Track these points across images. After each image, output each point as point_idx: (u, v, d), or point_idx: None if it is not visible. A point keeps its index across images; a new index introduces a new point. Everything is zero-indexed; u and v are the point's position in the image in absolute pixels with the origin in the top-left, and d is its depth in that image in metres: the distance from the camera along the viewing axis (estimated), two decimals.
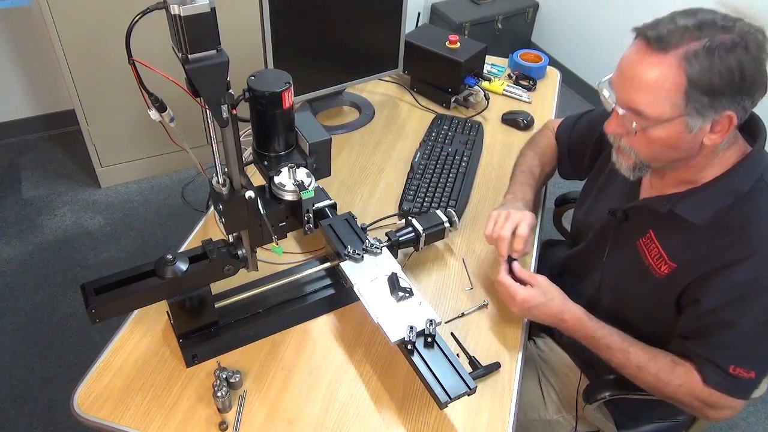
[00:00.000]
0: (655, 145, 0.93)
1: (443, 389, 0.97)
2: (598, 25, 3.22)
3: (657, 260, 1.04)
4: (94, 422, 0.98)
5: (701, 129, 0.89)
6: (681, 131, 0.89)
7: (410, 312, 1.05)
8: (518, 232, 1.16)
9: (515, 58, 1.93)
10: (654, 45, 0.86)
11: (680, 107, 0.86)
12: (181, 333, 1.05)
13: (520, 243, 1.16)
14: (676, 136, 0.90)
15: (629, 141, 0.96)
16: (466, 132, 1.64)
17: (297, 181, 0.96)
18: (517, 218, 1.18)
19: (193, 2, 0.70)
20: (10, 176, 2.69)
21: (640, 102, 0.89)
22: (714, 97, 0.85)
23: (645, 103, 0.88)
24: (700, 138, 0.90)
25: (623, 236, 1.12)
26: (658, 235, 1.04)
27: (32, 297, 2.18)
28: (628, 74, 0.90)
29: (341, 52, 1.61)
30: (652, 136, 0.91)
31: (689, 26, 0.85)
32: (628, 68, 0.90)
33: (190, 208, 2.57)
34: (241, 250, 1.01)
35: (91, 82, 2.30)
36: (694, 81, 0.84)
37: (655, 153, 0.95)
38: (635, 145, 0.96)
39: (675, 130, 0.89)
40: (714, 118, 0.87)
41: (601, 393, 1.14)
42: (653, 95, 0.87)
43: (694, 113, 0.87)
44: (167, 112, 0.84)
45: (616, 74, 0.93)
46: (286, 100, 0.94)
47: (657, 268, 1.04)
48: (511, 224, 1.17)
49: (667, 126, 0.89)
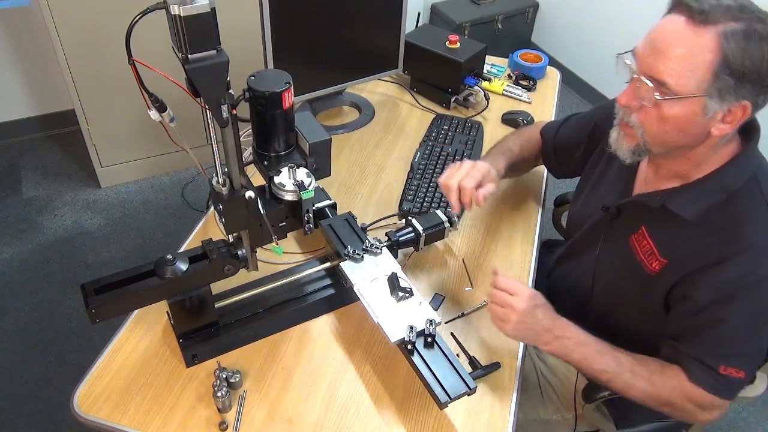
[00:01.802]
0: (667, 124, 0.91)
1: (443, 389, 0.97)
2: (598, 25, 3.22)
3: (648, 256, 1.04)
4: (94, 422, 0.98)
5: (715, 115, 0.88)
6: (696, 112, 0.88)
7: (410, 312, 1.05)
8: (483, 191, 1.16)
9: (515, 58, 1.93)
10: (696, 17, 0.84)
11: (705, 85, 0.85)
12: (181, 333, 1.05)
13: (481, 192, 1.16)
14: (690, 117, 0.89)
15: (640, 117, 0.94)
16: (466, 132, 1.64)
17: (297, 181, 0.96)
18: (482, 170, 1.17)
19: (193, 2, 0.70)
20: (10, 176, 2.69)
21: (666, 72, 0.87)
22: (740, 81, 0.84)
23: (672, 74, 0.86)
24: (710, 126, 0.90)
25: (616, 232, 1.12)
26: (650, 231, 1.04)
27: (32, 297, 2.18)
28: (660, 43, 0.87)
29: (341, 52, 1.61)
30: (667, 113, 0.90)
31: (732, 6, 0.84)
32: (662, 36, 0.88)
33: (190, 208, 2.57)
34: (241, 250, 1.01)
35: (91, 82, 2.30)
36: (727, 60, 0.83)
37: (663, 133, 0.93)
38: (646, 121, 0.94)
39: (691, 110, 0.88)
40: (731, 104, 0.87)
41: (600, 392, 1.14)
42: (683, 66, 0.85)
43: (716, 95, 0.86)
44: (167, 112, 0.84)
45: (645, 43, 0.90)
46: (286, 100, 0.94)
47: (648, 264, 1.04)
48: (476, 174, 1.16)
49: (685, 103, 0.88)
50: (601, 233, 1.16)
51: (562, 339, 1.02)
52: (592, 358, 1.02)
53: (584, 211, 1.24)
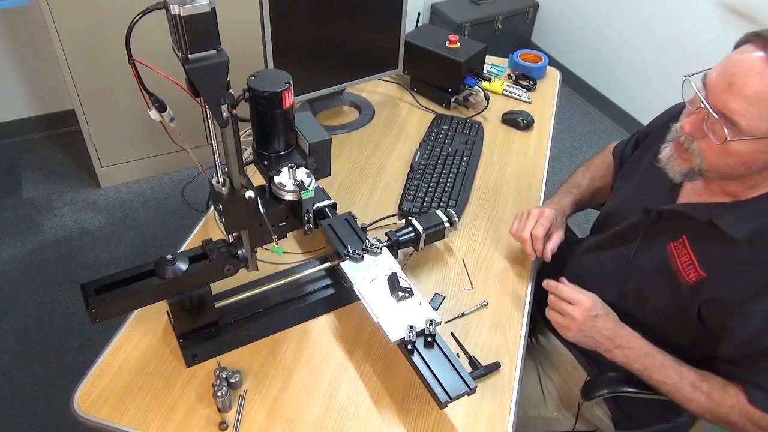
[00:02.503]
0: (730, 159, 0.89)
1: (443, 389, 0.97)
2: (598, 25, 3.22)
3: (687, 266, 1.02)
4: (94, 422, 0.98)
5: None
6: (764, 151, 0.87)
7: (410, 312, 1.05)
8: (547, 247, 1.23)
9: (515, 58, 1.93)
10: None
11: None
12: (181, 333, 1.05)
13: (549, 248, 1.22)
14: (755, 155, 0.88)
15: (702, 146, 0.92)
16: (466, 132, 1.64)
17: (297, 181, 0.96)
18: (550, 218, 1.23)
19: (193, 2, 0.70)
20: (10, 176, 2.69)
21: (740, 112, 0.84)
22: None
23: (745, 115, 0.84)
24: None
25: (654, 236, 1.10)
26: (691, 242, 1.02)
27: (32, 297, 2.18)
28: (736, 79, 0.84)
29: (341, 52, 1.61)
30: (732, 149, 0.88)
31: None
32: (740, 72, 0.84)
33: (190, 208, 2.57)
34: (241, 250, 1.01)
35: (91, 82, 2.30)
36: None
37: (724, 166, 0.91)
38: (707, 152, 0.91)
39: (758, 149, 0.87)
40: None
41: (599, 390, 1.14)
42: (758, 108, 0.83)
43: None
44: (167, 112, 0.84)
45: (719, 73, 0.87)
46: (286, 100, 0.94)
47: (686, 274, 1.02)
48: (545, 222, 1.22)
49: (753, 143, 0.86)
50: (639, 234, 1.14)
51: (623, 349, 1.05)
52: (653, 369, 1.03)
53: (623, 207, 1.22)
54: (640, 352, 1.04)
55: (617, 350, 1.05)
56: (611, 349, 1.05)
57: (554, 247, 1.24)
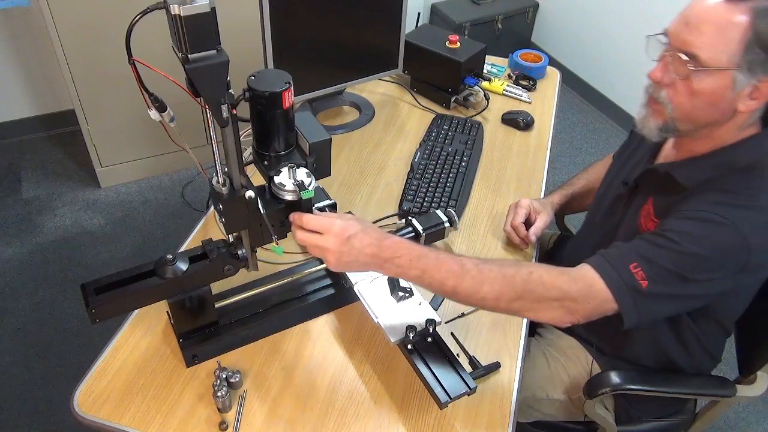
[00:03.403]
0: (696, 98, 0.93)
1: (443, 389, 0.97)
2: (598, 25, 3.22)
3: (646, 218, 1.06)
4: (94, 422, 0.98)
5: (743, 90, 0.90)
6: (726, 86, 0.91)
7: (410, 312, 1.05)
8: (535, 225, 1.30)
9: (515, 58, 1.93)
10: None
11: (736, 59, 0.88)
12: (181, 333, 1.05)
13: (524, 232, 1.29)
14: (719, 92, 0.91)
15: (670, 93, 0.96)
16: (466, 132, 1.64)
17: (297, 180, 0.96)
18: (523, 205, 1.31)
19: (193, 2, 0.70)
20: (10, 176, 2.69)
21: (699, 45, 0.90)
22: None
23: (704, 47, 0.89)
24: (737, 102, 0.92)
25: (632, 205, 1.14)
26: (654, 198, 1.07)
27: (32, 297, 2.18)
28: (694, 18, 0.91)
29: (341, 52, 1.61)
30: (698, 87, 0.92)
31: None
32: (696, 11, 0.91)
33: (190, 208, 2.57)
34: (241, 250, 1.01)
35: (91, 82, 2.30)
36: (758, 33, 0.86)
37: (693, 108, 0.95)
38: (675, 97, 0.96)
39: (721, 84, 0.91)
40: (760, 78, 0.89)
41: (601, 388, 1.14)
42: (715, 40, 0.88)
43: (746, 68, 0.88)
44: (167, 112, 0.84)
45: (678, 20, 0.94)
46: (286, 100, 0.94)
47: (645, 226, 1.06)
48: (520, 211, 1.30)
49: (716, 76, 0.90)
50: (619, 207, 1.18)
51: (393, 260, 0.94)
52: (431, 269, 0.94)
53: (606, 191, 1.27)
54: (411, 257, 0.93)
55: (387, 264, 0.94)
56: (381, 264, 0.94)
57: (537, 230, 1.30)
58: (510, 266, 0.96)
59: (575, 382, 1.28)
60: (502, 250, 1.33)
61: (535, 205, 1.33)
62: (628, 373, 1.16)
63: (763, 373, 1.20)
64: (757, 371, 1.20)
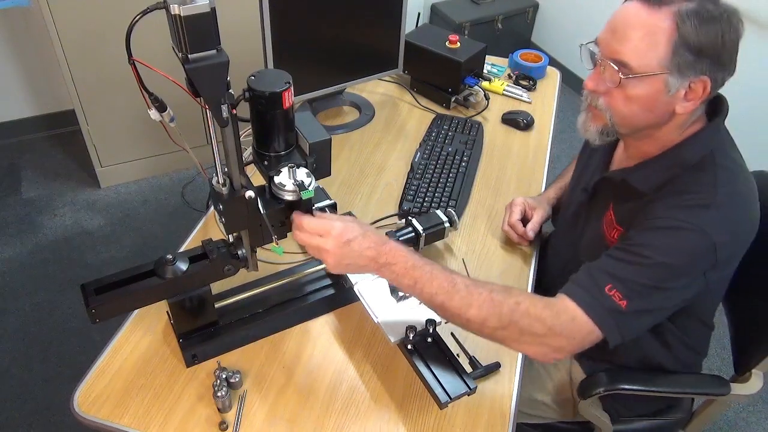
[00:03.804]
0: (632, 104, 0.94)
1: (443, 389, 0.97)
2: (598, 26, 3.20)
3: (609, 227, 1.07)
4: (94, 422, 0.98)
5: (677, 93, 0.91)
6: (659, 90, 0.92)
7: (410, 312, 1.05)
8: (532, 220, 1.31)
9: (515, 58, 1.93)
10: (651, 1, 0.90)
11: (665, 62, 0.89)
12: (181, 333, 1.05)
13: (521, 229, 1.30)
14: (653, 96, 0.92)
15: (607, 100, 0.97)
16: (466, 132, 1.64)
17: (297, 180, 0.96)
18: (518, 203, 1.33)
19: (193, 2, 0.70)
20: (10, 176, 2.69)
21: (627, 52, 0.91)
22: (698, 56, 0.88)
23: (632, 54, 0.91)
24: (674, 104, 0.93)
25: (593, 212, 1.15)
26: (614, 206, 1.07)
27: (32, 297, 2.18)
28: (620, 26, 0.93)
29: (341, 52, 1.61)
30: (632, 93, 0.93)
31: None
32: (621, 20, 0.93)
33: (190, 208, 2.57)
34: (241, 250, 1.01)
35: (91, 82, 2.30)
36: (683, 36, 0.87)
37: (630, 114, 0.96)
38: (612, 104, 0.97)
39: (654, 88, 0.92)
40: (691, 80, 0.90)
41: (595, 388, 1.14)
42: (642, 46, 0.90)
43: (676, 71, 0.90)
44: (167, 112, 0.84)
45: (606, 29, 0.96)
46: (286, 100, 0.94)
47: (609, 234, 1.06)
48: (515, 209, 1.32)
49: (647, 81, 0.91)
50: (581, 213, 1.19)
51: (389, 266, 0.95)
52: (423, 281, 0.94)
53: (571, 197, 1.28)
54: (406, 266, 0.94)
55: (384, 269, 0.95)
56: (378, 268, 0.95)
57: (534, 226, 1.31)
58: (500, 292, 0.94)
59: (558, 384, 1.28)
60: (502, 250, 1.33)
61: (529, 201, 1.35)
62: (621, 373, 1.16)
63: (757, 371, 1.20)
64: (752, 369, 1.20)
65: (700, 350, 1.22)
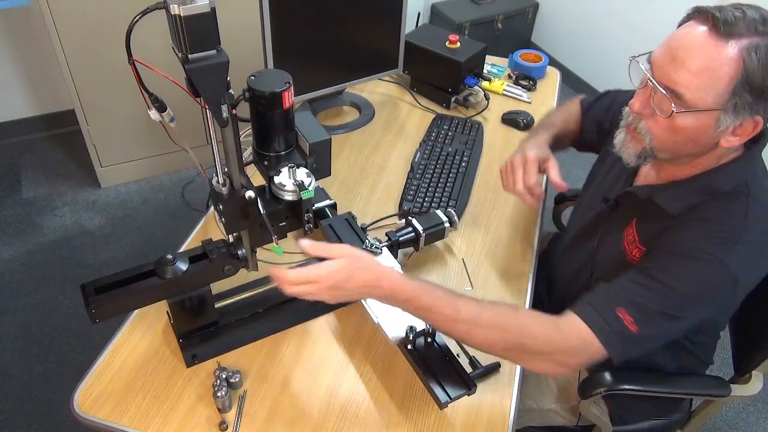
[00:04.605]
0: (677, 134, 0.89)
1: (443, 389, 0.97)
2: (597, 25, 3.22)
3: (631, 244, 1.04)
4: (94, 422, 0.98)
5: (727, 128, 0.86)
6: (709, 125, 0.86)
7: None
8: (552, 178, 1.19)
9: (515, 58, 1.93)
10: (721, 28, 0.81)
11: (722, 100, 0.83)
12: (181, 333, 1.05)
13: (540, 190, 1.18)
14: (701, 129, 0.87)
15: (649, 124, 0.92)
16: (466, 132, 1.64)
17: (297, 181, 0.96)
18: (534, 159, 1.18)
19: (193, 2, 0.70)
20: (10, 176, 2.69)
21: (685, 84, 0.84)
22: (758, 98, 0.82)
23: (690, 87, 0.84)
24: (719, 138, 0.89)
25: (613, 224, 1.12)
26: (638, 222, 1.04)
27: (32, 297, 2.18)
28: (680, 52, 0.84)
29: (341, 52, 1.61)
30: (679, 124, 0.88)
31: (755, 19, 0.81)
32: (683, 46, 0.84)
33: (190, 208, 2.57)
34: (241, 250, 1.01)
35: (91, 82, 2.30)
36: (748, 76, 0.81)
37: (672, 143, 0.91)
38: (655, 130, 0.92)
39: (704, 123, 0.86)
40: (744, 118, 0.85)
41: (596, 388, 1.14)
42: (702, 80, 0.83)
43: (731, 110, 0.84)
44: (167, 112, 0.84)
45: (663, 50, 0.87)
46: (286, 100, 0.94)
47: (630, 252, 1.03)
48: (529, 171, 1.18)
49: (699, 116, 0.86)
50: (600, 224, 1.16)
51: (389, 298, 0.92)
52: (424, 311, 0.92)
53: (590, 203, 1.25)
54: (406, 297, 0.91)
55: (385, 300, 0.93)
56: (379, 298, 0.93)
57: (556, 176, 1.19)
58: (504, 314, 0.93)
59: (564, 391, 1.28)
60: (502, 250, 1.33)
61: (539, 154, 1.21)
62: (621, 373, 1.16)
63: (758, 372, 1.20)
64: (752, 371, 1.20)
65: (706, 359, 1.22)
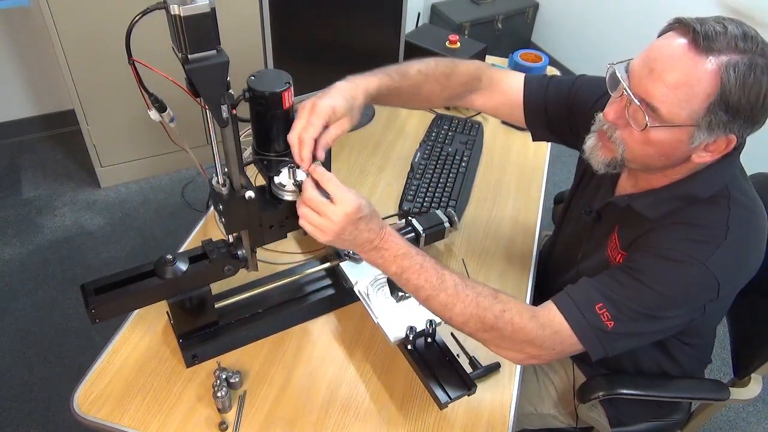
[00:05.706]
0: (650, 147, 0.88)
1: (443, 389, 0.97)
2: (598, 26, 3.22)
3: (614, 251, 1.03)
4: (94, 422, 0.98)
5: (700, 144, 0.85)
6: (682, 141, 0.85)
7: (410, 312, 1.05)
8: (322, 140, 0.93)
9: (515, 58, 1.93)
10: (701, 42, 0.79)
11: (696, 117, 0.82)
12: (181, 333, 1.05)
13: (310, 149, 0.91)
14: (674, 145, 0.86)
15: (624, 135, 0.90)
16: (466, 132, 1.64)
17: (297, 181, 0.96)
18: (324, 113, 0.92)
19: (193, 2, 0.70)
20: (10, 176, 2.69)
21: (659, 98, 0.82)
22: (733, 116, 0.81)
23: (665, 101, 0.82)
24: (691, 153, 0.88)
25: (596, 234, 1.12)
26: (619, 230, 1.04)
27: (32, 297, 2.18)
28: (657, 65, 0.82)
29: (341, 52, 1.61)
30: (653, 138, 0.86)
31: (736, 35, 0.78)
32: (660, 59, 0.82)
33: (190, 208, 2.57)
34: (241, 250, 1.01)
35: (91, 82, 2.30)
36: (724, 95, 0.79)
37: (644, 156, 0.90)
38: (628, 141, 0.90)
39: (677, 138, 0.85)
40: (718, 136, 0.84)
41: (594, 392, 1.14)
42: (678, 95, 0.81)
43: (705, 127, 0.82)
44: (167, 112, 0.84)
45: (641, 61, 0.85)
46: (286, 100, 0.94)
47: (614, 258, 1.03)
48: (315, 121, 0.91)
49: (672, 131, 0.84)
50: (584, 234, 1.15)
51: (380, 250, 0.91)
52: (411, 271, 0.91)
53: (573, 212, 1.25)
54: (397, 253, 0.90)
55: (374, 251, 0.91)
56: (368, 250, 0.91)
57: (325, 143, 0.94)
58: (487, 297, 0.92)
59: (563, 396, 1.28)
60: (502, 250, 1.33)
61: (338, 109, 0.95)
62: (620, 377, 1.16)
63: (756, 375, 1.20)
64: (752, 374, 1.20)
65: (704, 359, 1.22)
